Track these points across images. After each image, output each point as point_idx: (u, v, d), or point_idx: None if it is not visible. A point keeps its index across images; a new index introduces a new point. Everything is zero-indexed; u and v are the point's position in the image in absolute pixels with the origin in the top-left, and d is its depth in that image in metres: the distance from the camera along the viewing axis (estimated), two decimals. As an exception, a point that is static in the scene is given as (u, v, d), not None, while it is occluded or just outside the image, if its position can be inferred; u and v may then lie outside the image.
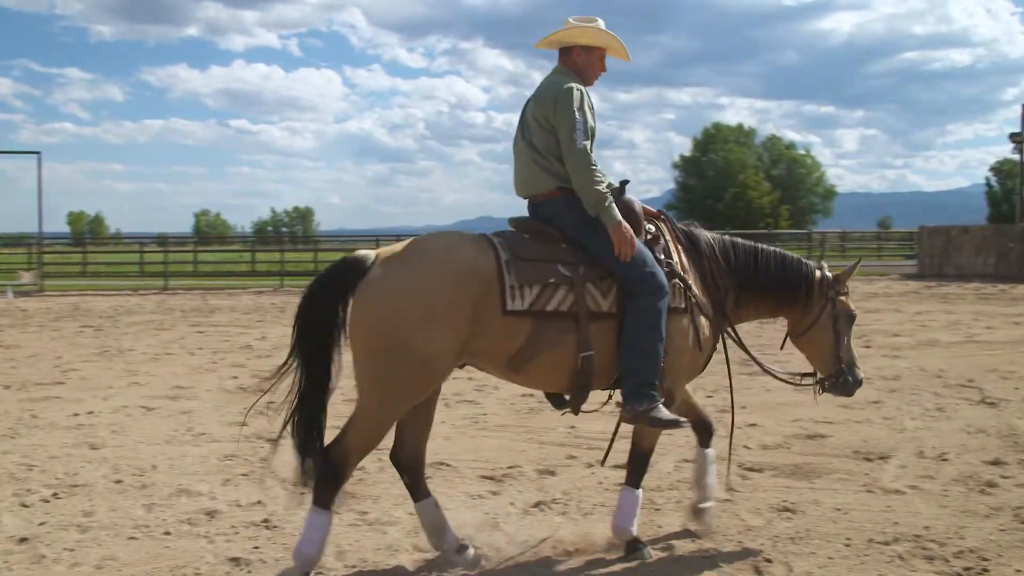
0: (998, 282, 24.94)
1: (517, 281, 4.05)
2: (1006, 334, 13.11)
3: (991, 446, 6.37)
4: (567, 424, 7.20)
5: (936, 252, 30.22)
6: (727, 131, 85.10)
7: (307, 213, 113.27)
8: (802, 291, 4.89)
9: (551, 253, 4.22)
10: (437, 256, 4.06)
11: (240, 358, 11.29)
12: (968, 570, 4.14)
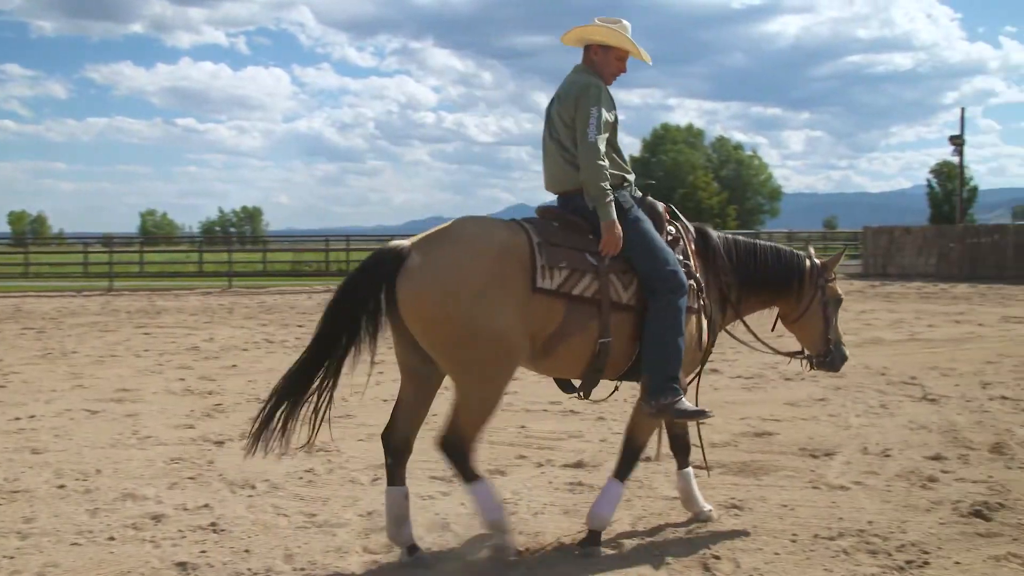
0: (939, 281, 25.50)
1: (547, 262, 4.23)
2: (947, 332, 13.39)
3: (932, 442, 6.50)
4: (517, 424, 7.22)
5: (880, 252, 30.81)
6: (676, 132, 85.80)
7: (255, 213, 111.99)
8: (795, 282, 5.18)
9: (579, 242, 4.41)
10: (472, 237, 4.23)
11: (187, 360, 11.14)
12: (910, 563, 4.22)
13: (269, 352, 11.98)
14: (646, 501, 5.23)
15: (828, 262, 5.29)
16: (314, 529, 4.75)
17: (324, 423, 4.44)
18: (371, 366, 4.36)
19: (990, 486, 5.39)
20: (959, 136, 44.66)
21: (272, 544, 4.52)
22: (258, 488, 5.47)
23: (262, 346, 12.67)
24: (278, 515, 4.96)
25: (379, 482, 5.60)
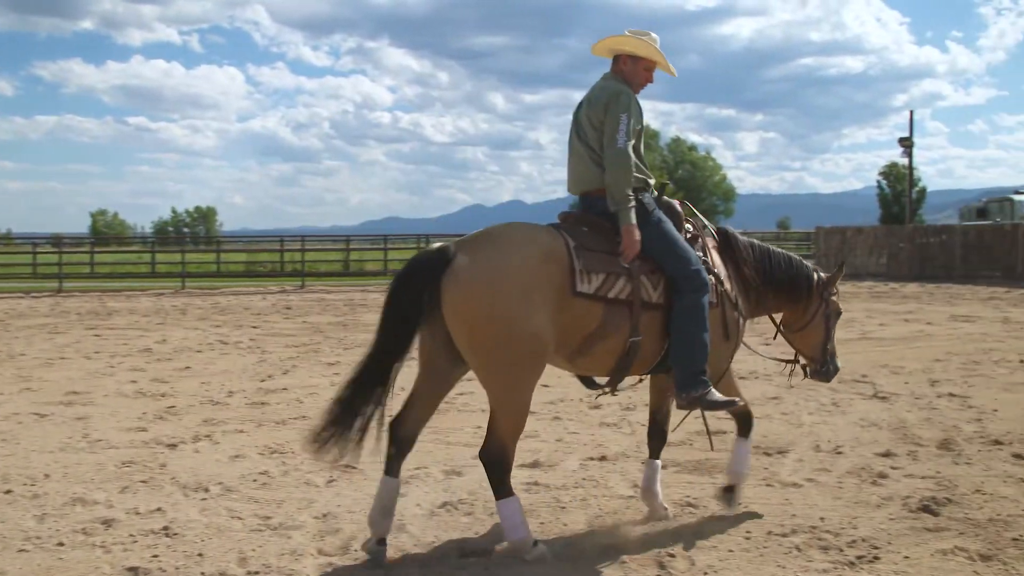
0: (889, 280, 25.95)
1: (584, 267, 4.38)
2: (896, 331, 13.61)
3: (883, 439, 6.61)
4: (474, 425, 7.21)
5: (832, 252, 31.22)
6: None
7: (209, 213, 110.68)
8: (804, 290, 5.38)
9: (610, 245, 4.55)
10: (517, 241, 4.36)
11: (139, 362, 10.99)
12: (860, 558, 4.28)
13: (223, 354, 11.85)
14: (602, 500, 5.25)
15: (832, 276, 5.54)
16: (269, 532, 4.71)
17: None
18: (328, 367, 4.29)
19: (938, 482, 5.49)
20: (908, 138, 45.38)
21: (226, 547, 4.47)
22: (212, 491, 5.41)
23: (216, 347, 12.53)
24: (232, 518, 4.91)
25: (335, 484, 5.58)
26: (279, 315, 17.99)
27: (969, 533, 4.60)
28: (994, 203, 43.98)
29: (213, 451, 6.44)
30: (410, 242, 40.35)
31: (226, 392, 8.83)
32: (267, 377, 9.78)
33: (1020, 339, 12.50)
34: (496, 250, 4.30)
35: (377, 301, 21.45)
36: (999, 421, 7.13)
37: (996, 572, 4.10)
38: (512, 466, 4.41)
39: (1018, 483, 5.45)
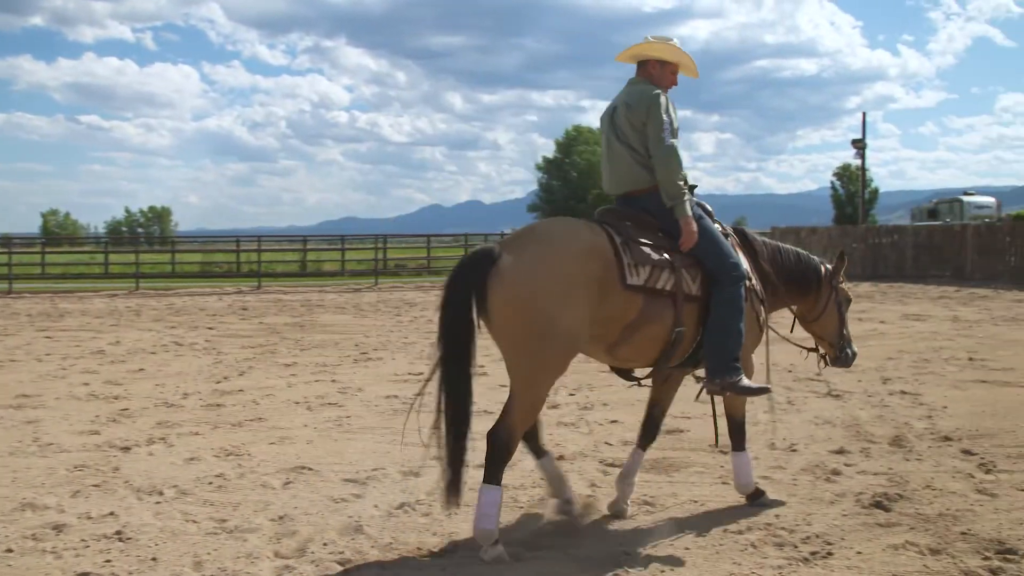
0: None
1: (633, 260, 4.58)
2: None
3: (836, 436, 6.70)
4: (431, 425, 7.19)
5: (787, 252, 31.57)
6: (589, 133, 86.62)
7: (164, 213, 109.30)
8: (814, 282, 5.66)
9: (653, 239, 4.78)
10: (561, 238, 4.53)
11: (92, 364, 10.83)
12: (815, 554, 4.34)
13: (178, 355, 11.72)
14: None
15: (837, 265, 5.76)
16: (224, 535, 4.66)
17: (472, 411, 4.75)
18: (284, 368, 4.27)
19: (890, 478, 5.58)
20: (861, 140, 46.06)
21: (180, 551, 4.42)
22: (166, 494, 5.35)
23: (171, 349, 12.38)
24: (187, 521, 4.86)
25: (291, 486, 5.54)
26: (235, 316, 17.82)
27: (919, 528, 4.68)
28: (944, 204, 44.79)
29: (167, 454, 6.36)
30: (367, 242, 40.15)
31: (181, 394, 8.73)
32: (223, 379, 9.68)
33: (969, 337, 12.73)
34: (539, 247, 4.46)
35: (335, 301, 21.36)
36: (949, 418, 7.26)
37: (945, 565, 4.17)
38: (512, 456, 4.56)
39: (967, 478, 5.55)
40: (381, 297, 23.36)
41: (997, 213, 42.58)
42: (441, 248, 47.26)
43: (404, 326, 15.60)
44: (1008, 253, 25.98)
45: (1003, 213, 43.56)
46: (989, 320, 15.14)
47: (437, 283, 29.57)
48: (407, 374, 9.92)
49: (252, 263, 32.40)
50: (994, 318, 15.47)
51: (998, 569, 4.11)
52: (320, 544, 4.51)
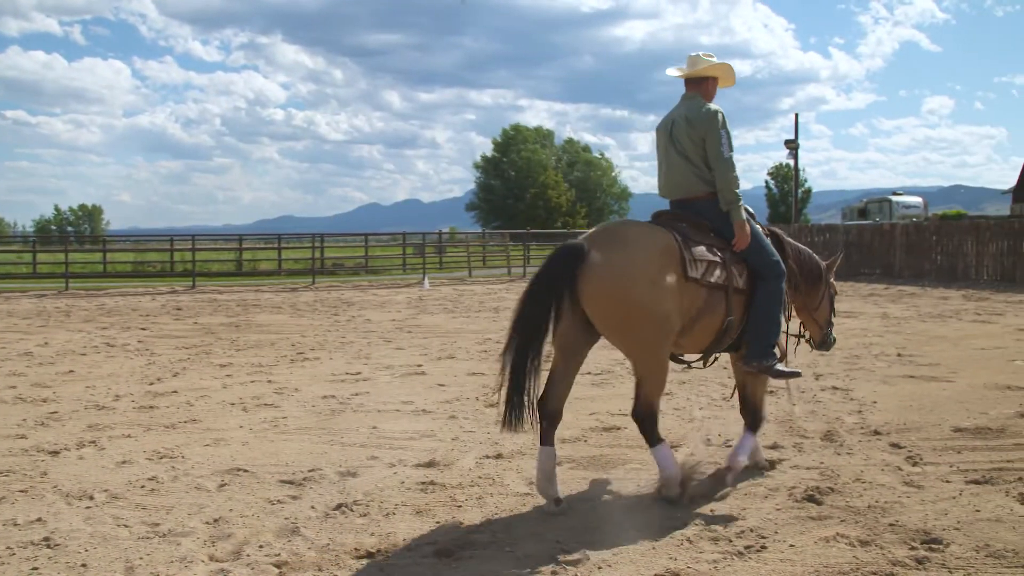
0: (777, 278, 26.68)
1: (692, 257, 5.21)
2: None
3: (770, 432, 6.81)
4: (369, 425, 7.16)
5: (722, 250, 32.02)
6: (527, 132, 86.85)
7: (95, 211, 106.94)
8: (819, 277, 6.34)
9: (707, 239, 5.42)
10: (640, 238, 5.16)
11: (19, 366, 10.56)
12: (749, 548, 4.41)
13: (110, 356, 11.48)
14: (498, 498, 5.27)
15: (831, 262, 6.53)
16: (157, 539, 4.58)
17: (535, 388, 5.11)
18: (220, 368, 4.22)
19: (822, 472, 5.69)
20: (794, 140, 46.86)
21: (112, 557, 4.33)
22: (97, 499, 5.24)
23: (102, 350, 12.13)
24: (118, 526, 4.76)
25: (226, 488, 5.47)
26: (169, 316, 17.52)
27: (850, 520, 4.78)
28: (874, 203, 45.83)
29: (99, 457, 6.24)
30: (305, 241, 39.75)
31: (112, 396, 8.56)
32: (156, 380, 9.52)
33: (898, 334, 13.05)
34: (624, 246, 5.07)
35: (271, 301, 21.12)
36: (878, 412, 7.43)
37: (874, 556, 4.27)
38: (658, 418, 5.24)
39: (895, 471, 5.69)
40: (318, 296, 23.16)
41: (924, 213, 43.72)
42: (379, 247, 47.01)
43: (342, 326, 15.48)
44: (934, 252, 26.66)
45: (930, 213, 44.74)
46: (917, 317, 15.53)
47: (375, 282, 29.42)
48: (344, 374, 9.85)
49: (186, 262, 31.89)
50: (921, 315, 15.88)
51: (924, 559, 4.22)
52: (256, 546, 4.46)
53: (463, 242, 49.60)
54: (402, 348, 12.20)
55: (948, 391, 8.31)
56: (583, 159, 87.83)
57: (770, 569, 4.16)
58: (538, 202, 78.99)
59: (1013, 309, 16.79)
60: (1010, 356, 10.52)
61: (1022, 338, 12.29)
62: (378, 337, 13.60)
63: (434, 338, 13.38)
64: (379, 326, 15.31)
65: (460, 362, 10.74)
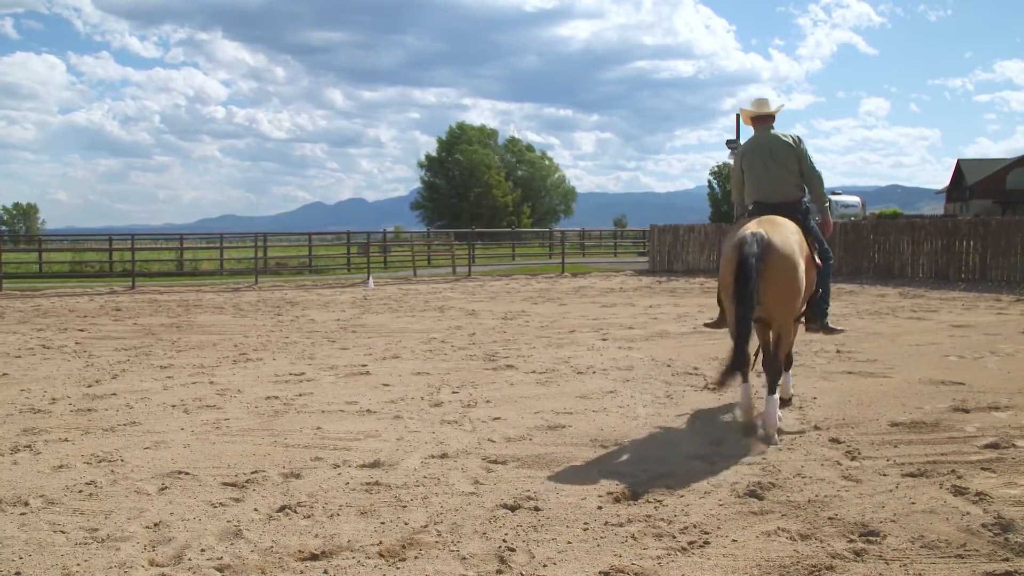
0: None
1: (811, 241, 7.08)
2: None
3: (713, 428, 6.89)
4: (313, 426, 7.11)
5: (666, 249, 32.35)
6: (471, 131, 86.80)
7: (30, 210, 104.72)
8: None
9: (804, 231, 7.09)
10: (791, 227, 6.77)
11: (-50, 369, 10.28)
12: (692, 544, 4.46)
13: (46, 358, 11.24)
14: (443, 498, 5.26)
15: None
16: (95, 545, 4.50)
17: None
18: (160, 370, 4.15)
19: (763, 467, 5.78)
20: (735, 140, 47.38)
21: (48, 564, 4.24)
22: (32, 504, 5.13)
23: (38, 352, 11.87)
24: (55, 532, 4.67)
25: (167, 491, 5.38)
26: (108, 317, 17.19)
27: (791, 515, 4.86)
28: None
29: (34, 462, 6.10)
30: (248, 241, 39.27)
31: (49, 399, 8.38)
32: (94, 382, 9.34)
33: (837, 330, 13.26)
34: (787, 233, 6.60)
35: (213, 301, 20.83)
36: (818, 408, 7.56)
37: (814, 549, 4.35)
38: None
39: (834, 465, 5.79)
40: (261, 296, 22.90)
41: (862, 212, 44.55)
42: (323, 246, 46.64)
43: (285, 326, 15.33)
44: (872, 250, 27.18)
45: (867, 212, 45.61)
46: (855, 314, 15.82)
47: (319, 282, 29.18)
48: (288, 375, 9.76)
49: (126, 262, 31.33)
50: (859, 312, 16.18)
51: (862, 551, 4.31)
52: (198, 550, 4.40)
53: (408, 241, 49.40)
54: (346, 348, 12.12)
55: (885, 386, 8.48)
56: (527, 159, 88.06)
57: (713, 564, 4.21)
58: (483, 202, 79.05)
59: (947, 306, 17.18)
60: (944, 352, 10.77)
61: (955, 334, 12.58)
62: (322, 337, 13.49)
63: (379, 338, 13.31)
64: (323, 326, 15.19)
65: (405, 362, 10.70)
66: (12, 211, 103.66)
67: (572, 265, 36.63)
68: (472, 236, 40.86)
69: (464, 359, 10.87)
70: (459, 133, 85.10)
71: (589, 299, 20.65)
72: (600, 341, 12.39)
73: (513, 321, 15.70)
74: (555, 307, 18.60)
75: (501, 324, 15.22)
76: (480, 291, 24.28)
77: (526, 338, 13.04)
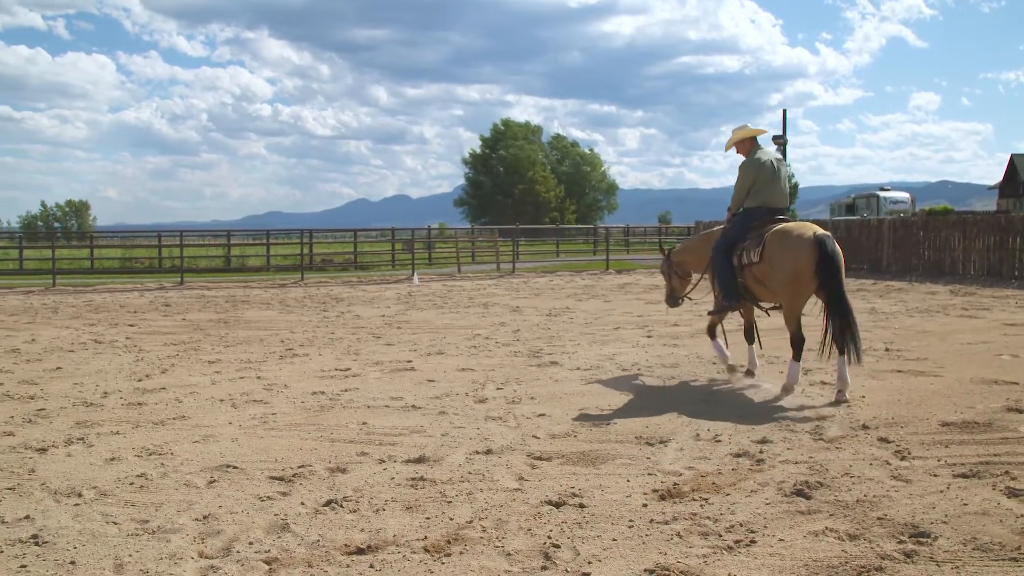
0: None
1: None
2: (772, 321, 13.95)
3: (759, 426, 6.83)
4: (359, 421, 7.16)
5: (711, 246, 32.08)
6: (516, 128, 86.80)
7: (82, 207, 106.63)
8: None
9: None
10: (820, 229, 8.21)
11: (6, 363, 10.51)
12: (738, 542, 4.42)
13: (98, 353, 11.44)
14: (488, 493, 5.27)
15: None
16: (146, 536, 4.57)
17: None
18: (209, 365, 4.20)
19: (811, 466, 5.71)
20: (782, 136, 46.92)
21: (101, 554, 4.32)
22: (85, 496, 5.22)
23: (90, 347, 12.09)
24: (107, 523, 4.75)
25: (216, 484, 5.45)
26: (157, 312, 17.46)
27: (839, 514, 4.80)
28: (861, 199, 45.95)
29: (87, 454, 6.22)
30: (294, 237, 39.64)
31: (101, 393, 8.53)
32: (144, 376, 9.49)
33: (885, 329, 13.10)
34: (831, 236, 8.09)
35: (260, 297, 21.06)
36: (866, 407, 7.46)
37: (862, 550, 4.29)
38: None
39: (884, 465, 5.71)
40: (307, 292, 23.11)
41: (911, 208, 43.87)
42: (368, 243, 46.93)
43: (331, 322, 15.46)
44: (921, 247, 26.76)
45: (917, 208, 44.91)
46: (904, 312, 15.59)
47: (364, 278, 29.37)
48: (334, 370, 9.84)
49: (175, 258, 31.80)
50: (909, 310, 15.94)
51: (912, 552, 4.24)
52: (246, 543, 4.45)
53: (452, 238, 49.54)
54: (391, 344, 12.19)
55: (936, 385, 8.35)
56: (572, 154, 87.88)
57: (759, 563, 4.17)
58: (526, 198, 79.04)
59: (1000, 304, 16.87)
60: (996, 351, 10.58)
61: (1009, 333, 12.35)
62: (367, 333, 13.58)
63: (423, 334, 13.37)
64: (368, 322, 15.29)
65: (449, 358, 10.74)
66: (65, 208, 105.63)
67: (616, 262, 36.52)
68: (516, 233, 40.87)
69: (508, 355, 10.88)
70: (504, 129, 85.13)
71: (634, 296, 20.56)
72: (645, 338, 12.34)
73: (557, 318, 15.69)
74: (599, 304, 18.55)
75: (545, 321, 15.22)
76: (524, 288, 24.29)
77: (570, 335, 13.02)
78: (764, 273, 8.30)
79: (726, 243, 8.79)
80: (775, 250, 8.12)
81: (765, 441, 6.38)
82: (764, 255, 8.24)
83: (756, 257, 8.36)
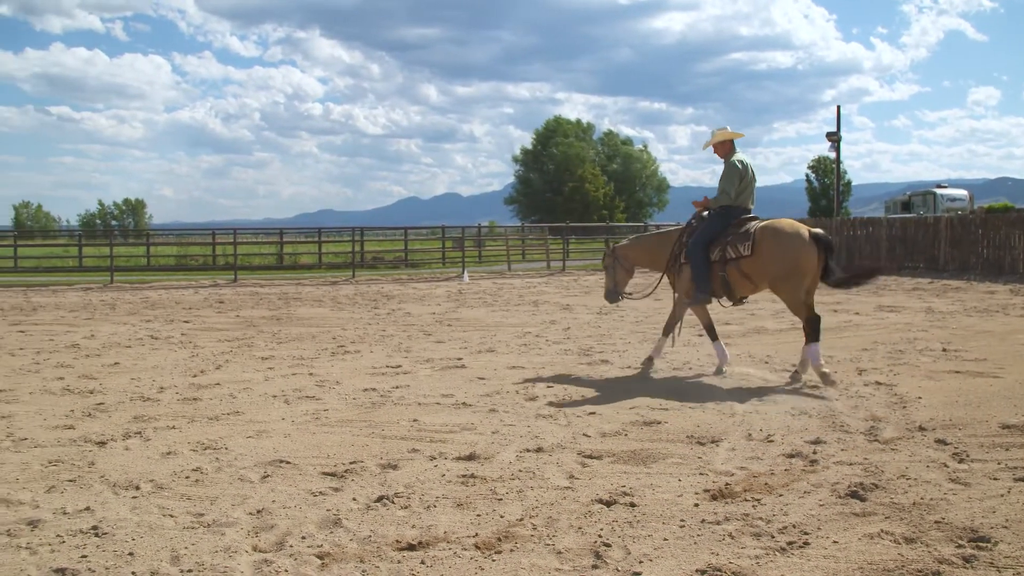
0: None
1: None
2: (825, 321, 13.79)
3: (812, 427, 6.75)
4: (410, 418, 7.19)
5: (763, 244, 31.72)
6: (567, 125, 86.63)
7: (138, 205, 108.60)
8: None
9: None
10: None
11: (67, 358, 10.74)
12: (791, 544, 4.37)
13: (154, 349, 11.64)
14: (538, 491, 5.27)
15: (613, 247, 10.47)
16: (202, 529, 4.64)
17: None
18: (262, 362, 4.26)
19: (865, 468, 5.63)
20: (836, 133, 46.33)
21: (158, 546, 4.39)
22: (143, 489, 5.32)
23: (146, 342, 12.31)
24: (164, 516, 4.83)
25: (269, 479, 5.52)
26: (211, 309, 17.72)
27: (894, 517, 4.72)
28: (918, 196, 45.15)
29: (144, 448, 6.33)
30: (345, 235, 39.97)
31: (157, 388, 8.68)
32: (199, 372, 9.63)
33: (943, 328, 12.86)
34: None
35: (312, 294, 21.27)
36: (923, 408, 7.33)
37: (919, 554, 4.21)
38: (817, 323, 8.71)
39: (940, 468, 5.60)
40: (358, 290, 23.29)
41: (970, 206, 42.99)
42: (419, 240, 47.17)
43: (382, 319, 15.57)
44: (980, 245, 26.22)
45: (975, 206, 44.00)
46: (962, 311, 15.29)
47: (415, 275, 29.52)
48: (385, 367, 9.91)
49: (228, 256, 32.24)
50: (967, 309, 15.63)
51: (971, 557, 4.16)
52: (298, 537, 4.50)
53: (502, 236, 49.61)
54: (442, 341, 12.24)
55: (995, 387, 8.18)
56: (623, 152, 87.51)
57: (813, 565, 4.12)
58: (576, 196, 78.91)
59: (1062, 304, 16.46)
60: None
61: (1071, 333, 12.05)
62: (418, 330, 13.66)
63: (474, 332, 13.41)
64: (419, 319, 15.38)
65: (500, 356, 10.76)
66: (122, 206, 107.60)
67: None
68: (566, 231, 40.82)
69: (559, 353, 10.87)
70: (555, 127, 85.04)
71: (684, 294, 20.41)
72: (696, 337, 12.24)
73: (608, 316, 15.64)
74: (650, 302, 18.43)
75: (595, 319, 15.18)
76: (574, 285, 24.24)
77: (621, 333, 12.97)
78: (756, 266, 8.76)
79: (704, 239, 9.17)
80: (773, 245, 8.68)
81: (819, 442, 6.30)
82: (758, 249, 8.71)
83: (746, 251, 8.75)
